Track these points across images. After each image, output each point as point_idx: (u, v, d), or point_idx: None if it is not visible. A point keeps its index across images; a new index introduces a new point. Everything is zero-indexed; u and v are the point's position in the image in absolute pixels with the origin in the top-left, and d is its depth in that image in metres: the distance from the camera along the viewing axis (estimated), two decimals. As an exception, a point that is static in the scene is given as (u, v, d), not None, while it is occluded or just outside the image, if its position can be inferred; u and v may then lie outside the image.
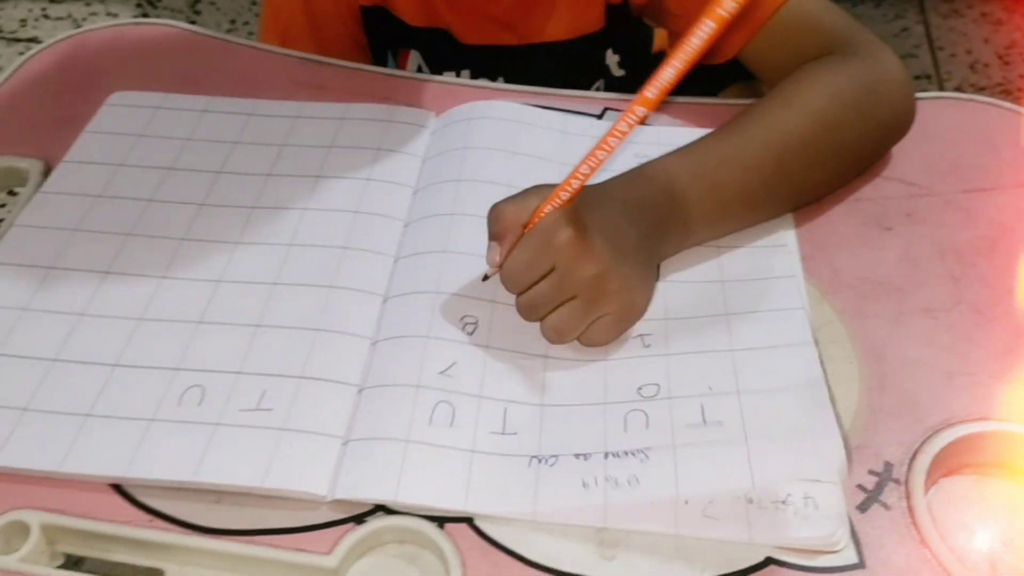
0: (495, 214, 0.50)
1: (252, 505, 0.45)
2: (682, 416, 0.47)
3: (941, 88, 1.39)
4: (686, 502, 0.44)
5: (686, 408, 0.47)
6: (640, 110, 0.45)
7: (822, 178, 0.57)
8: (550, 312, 0.49)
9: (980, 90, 1.38)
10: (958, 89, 1.38)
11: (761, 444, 0.45)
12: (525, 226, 0.49)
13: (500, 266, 0.50)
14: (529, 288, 0.49)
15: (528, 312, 0.50)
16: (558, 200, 0.48)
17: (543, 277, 0.49)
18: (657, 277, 0.54)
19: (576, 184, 0.48)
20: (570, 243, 0.48)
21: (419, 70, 0.75)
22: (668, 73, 0.43)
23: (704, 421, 0.46)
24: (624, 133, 0.46)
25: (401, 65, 0.75)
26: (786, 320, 0.51)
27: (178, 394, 0.48)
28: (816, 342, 0.50)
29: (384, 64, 0.76)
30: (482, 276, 0.52)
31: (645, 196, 0.52)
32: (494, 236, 0.50)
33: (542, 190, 0.49)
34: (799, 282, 0.53)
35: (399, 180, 0.61)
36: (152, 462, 0.46)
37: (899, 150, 0.62)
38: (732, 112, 0.58)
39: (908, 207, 0.59)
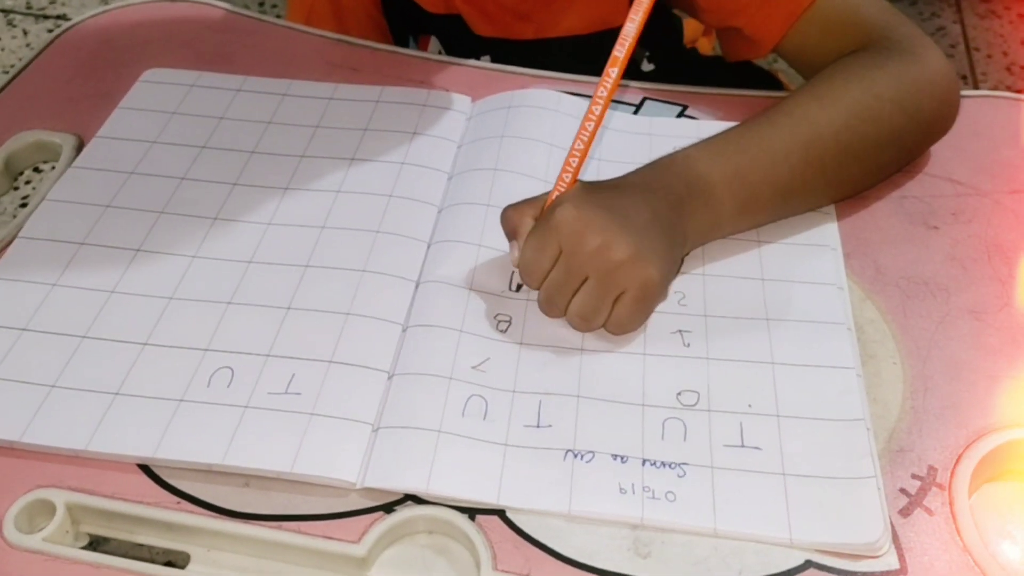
0: (504, 216, 0.51)
1: (281, 490, 0.44)
2: (720, 433, 0.46)
3: (977, 89, 1.37)
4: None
5: (725, 425, 0.46)
6: (613, 71, 0.47)
7: (859, 171, 0.56)
8: (569, 300, 0.48)
9: (1018, 92, 1.35)
10: (993, 90, 1.35)
11: (799, 489, 0.43)
12: (537, 217, 0.50)
13: (518, 267, 0.50)
14: (544, 279, 0.49)
15: (549, 306, 0.50)
16: (562, 184, 0.49)
17: (555, 264, 0.48)
18: (680, 264, 0.52)
19: (575, 163, 0.49)
20: (571, 219, 0.47)
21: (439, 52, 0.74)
22: (630, 28, 0.46)
23: (742, 443, 0.45)
24: (603, 98, 0.48)
25: (422, 50, 0.74)
26: (829, 337, 0.49)
27: (207, 375, 0.48)
28: (860, 369, 0.48)
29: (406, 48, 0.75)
30: (515, 287, 0.52)
31: (660, 178, 0.52)
32: (509, 236, 0.51)
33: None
34: (844, 294, 0.52)
35: (434, 165, 0.60)
36: (180, 443, 0.45)
37: (947, 148, 0.60)
38: (763, 102, 0.57)
39: (955, 206, 0.57)
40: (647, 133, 0.62)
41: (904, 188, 0.58)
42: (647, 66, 0.73)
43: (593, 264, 0.47)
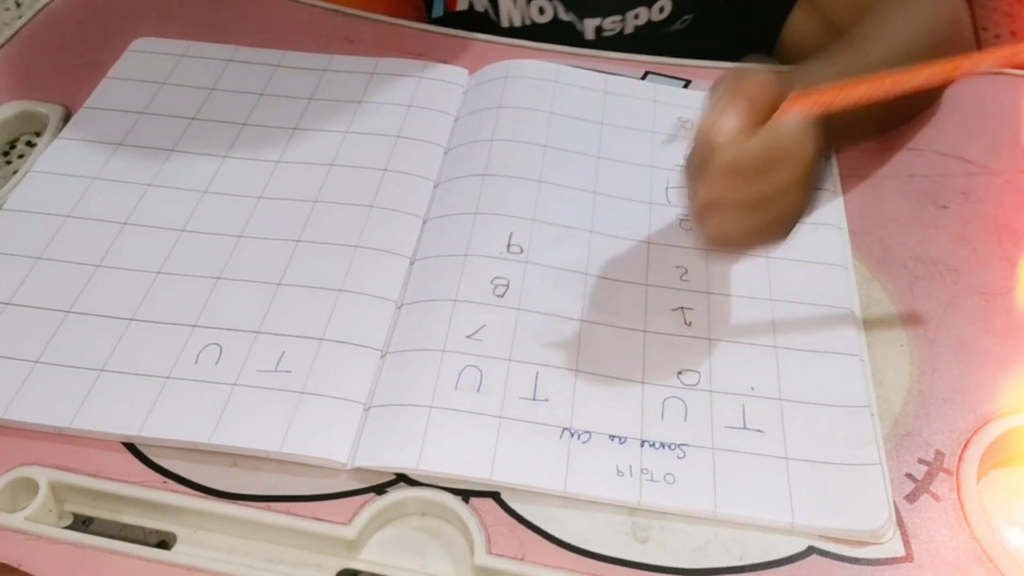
0: (736, 77, 0.43)
1: (269, 470, 0.43)
2: (722, 414, 0.44)
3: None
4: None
5: (727, 406, 0.45)
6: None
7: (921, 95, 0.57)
8: (728, 213, 0.43)
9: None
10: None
11: (801, 473, 0.42)
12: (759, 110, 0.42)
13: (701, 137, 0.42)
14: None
15: (713, 202, 0.43)
16: (800, 105, 0.42)
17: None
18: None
19: (829, 98, 0.42)
20: (805, 160, 0.42)
21: (470, 5, 0.70)
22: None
23: (744, 425, 0.44)
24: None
25: (450, 8, 0.71)
26: (834, 322, 0.48)
27: (195, 352, 0.46)
28: (865, 355, 0.47)
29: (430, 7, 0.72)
30: (671, 137, 0.50)
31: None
32: (726, 98, 0.42)
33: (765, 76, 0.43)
34: (850, 275, 0.50)
35: (430, 139, 0.58)
36: (166, 421, 0.44)
37: (957, 126, 0.59)
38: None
39: (964, 185, 0.56)
40: (651, 99, 0.61)
41: (913, 166, 0.57)
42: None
43: (778, 206, 0.43)
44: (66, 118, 0.60)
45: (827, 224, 0.53)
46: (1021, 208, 0.54)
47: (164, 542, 0.42)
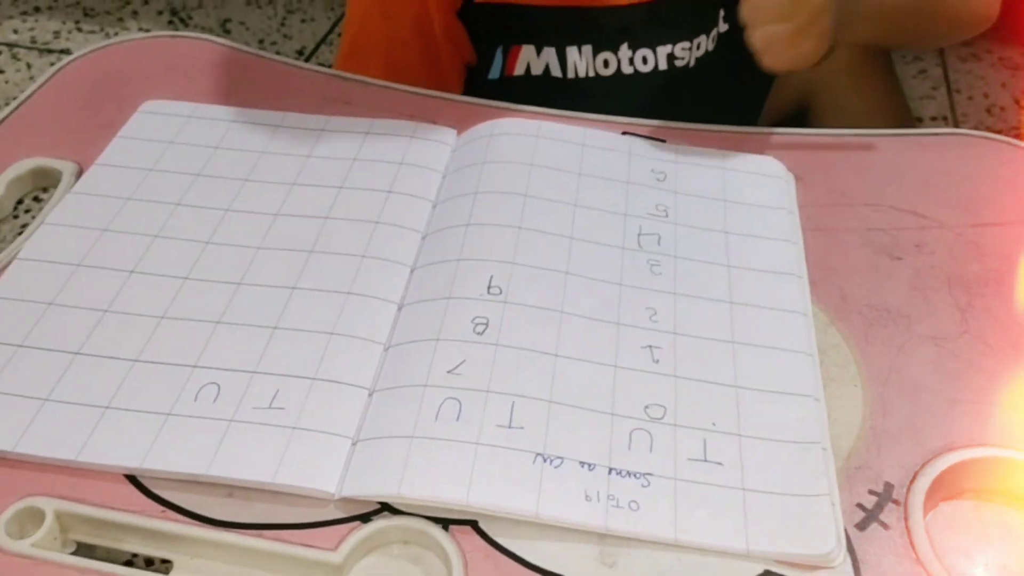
0: None
1: (262, 500, 0.46)
2: (685, 447, 0.47)
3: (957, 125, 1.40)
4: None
5: (689, 439, 0.48)
6: None
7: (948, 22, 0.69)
8: (768, 24, 0.59)
9: (996, 133, 1.38)
10: (958, 128, 1.38)
11: (757, 503, 0.45)
12: None
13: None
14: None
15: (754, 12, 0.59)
16: None
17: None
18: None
19: None
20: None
21: (527, 70, 0.74)
22: None
23: (705, 458, 0.47)
24: None
25: (511, 62, 0.75)
26: (792, 365, 0.51)
27: (195, 390, 0.50)
28: (820, 394, 0.50)
29: (490, 65, 0.76)
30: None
31: None
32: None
33: None
34: (809, 321, 0.54)
35: (419, 194, 0.62)
36: (166, 455, 0.47)
37: (913, 183, 0.63)
38: (763, 142, 0.59)
39: (918, 238, 0.60)
40: (627, 152, 0.65)
41: (871, 220, 0.61)
42: (723, 26, 0.75)
43: (808, 17, 0.58)
44: (78, 175, 0.64)
45: (789, 274, 0.57)
46: (970, 259, 0.58)
47: (166, 561, 0.45)
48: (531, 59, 0.74)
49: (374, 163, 0.64)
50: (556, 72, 0.74)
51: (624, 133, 0.67)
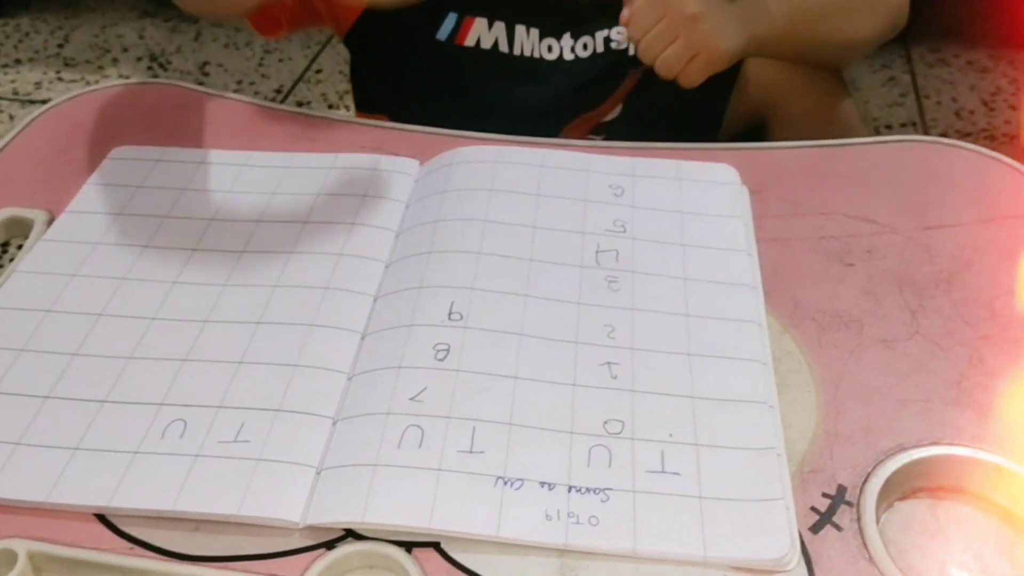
0: None
1: (229, 532, 0.47)
2: (643, 459, 0.48)
3: (927, 135, 1.42)
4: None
5: (647, 452, 0.49)
6: None
7: (854, 30, 0.76)
8: (660, 52, 0.67)
9: (965, 136, 1.41)
10: (943, 136, 1.40)
11: (714, 510, 0.46)
12: None
13: (626, 22, 0.68)
14: (646, 34, 0.67)
15: (645, 53, 0.68)
16: None
17: (657, 24, 0.66)
18: (745, 47, 0.70)
19: None
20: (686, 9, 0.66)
21: (477, 43, 0.77)
22: None
23: (663, 469, 0.48)
24: None
25: (464, 31, 0.78)
26: (746, 373, 0.53)
27: (161, 427, 0.51)
28: (775, 401, 0.51)
29: (438, 25, 0.78)
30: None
31: None
32: (626, 2, 0.68)
33: None
34: (763, 330, 0.55)
35: (383, 224, 0.64)
36: (134, 493, 0.48)
37: (864, 190, 0.64)
38: (719, 156, 0.61)
39: (870, 244, 0.61)
40: (585, 170, 0.66)
41: (823, 229, 0.62)
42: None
43: (685, 28, 0.66)
44: (50, 222, 0.65)
45: (743, 284, 0.58)
46: (921, 262, 0.59)
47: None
48: (483, 32, 0.78)
49: (338, 196, 0.66)
50: (503, 48, 0.78)
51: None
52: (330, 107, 1.58)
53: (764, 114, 0.80)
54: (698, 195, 0.64)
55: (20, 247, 0.67)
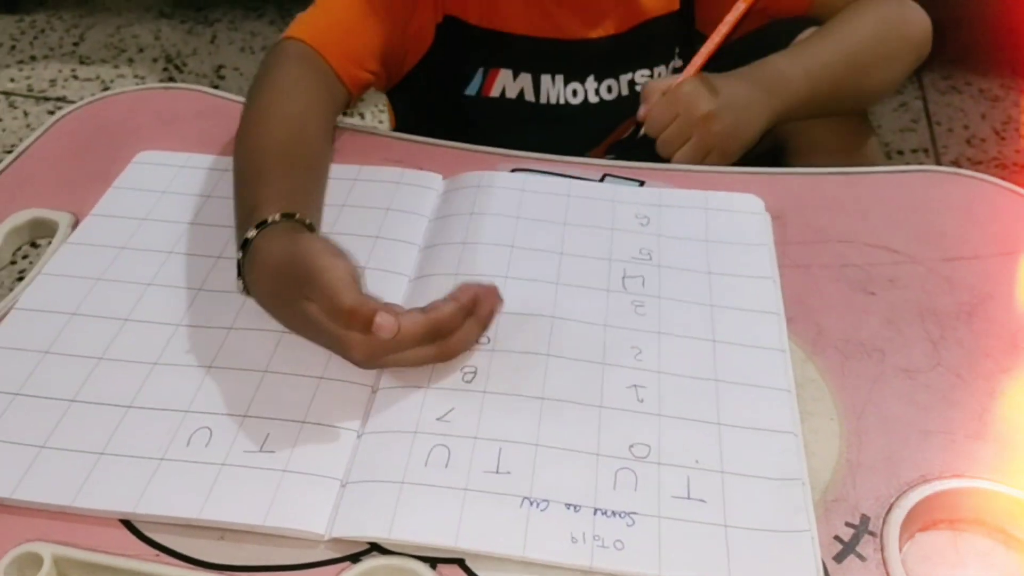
0: (646, 87, 0.73)
1: (254, 542, 0.47)
2: (669, 485, 0.49)
3: (938, 161, 1.43)
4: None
5: (673, 477, 0.49)
6: (741, 5, 0.72)
7: (879, 78, 0.78)
8: (677, 149, 0.71)
9: (976, 164, 1.41)
10: (955, 163, 1.41)
11: (739, 539, 0.46)
12: (664, 92, 0.72)
13: (644, 119, 0.72)
14: (663, 131, 0.71)
15: (664, 149, 0.72)
16: (690, 71, 0.72)
17: (672, 122, 0.71)
18: (762, 131, 0.74)
19: (699, 62, 0.72)
20: (690, 93, 0.71)
21: (503, 93, 0.78)
22: None
23: (688, 495, 0.48)
24: (732, 24, 0.72)
25: (489, 84, 0.79)
26: (772, 401, 0.53)
27: (187, 435, 0.51)
28: (799, 430, 0.51)
29: (468, 82, 0.79)
30: (633, 132, 0.73)
31: (756, 72, 0.74)
32: (643, 100, 0.73)
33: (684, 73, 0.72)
34: (786, 357, 0.55)
35: (406, 238, 0.64)
36: (159, 499, 0.48)
37: (886, 220, 0.65)
38: (740, 181, 0.61)
39: (891, 273, 0.61)
40: (611, 200, 0.67)
41: (845, 257, 0.62)
42: (677, 61, 0.82)
43: (698, 128, 0.71)
44: (74, 225, 0.66)
45: (767, 312, 0.58)
46: (943, 292, 0.60)
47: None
48: (507, 83, 0.79)
49: (362, 209, 0.66)
50: (529, 97, 0.79)
51: (604, 177, 0.69)
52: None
53: (782, 138, 0.80)
54: (724, 223, 0.65)
55: (33, 245, 0.67)
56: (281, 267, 0.53)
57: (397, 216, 0.65)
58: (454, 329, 0.53)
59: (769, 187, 0.68)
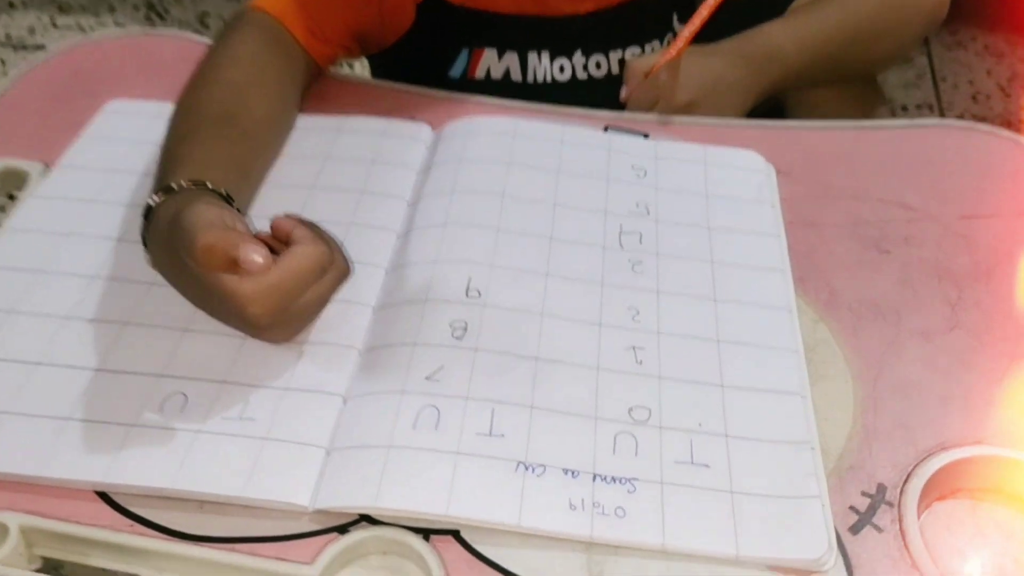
0: (628, 67, 0.69)
1: (234, 513, 0.44)
2: (671, 449, 0.46)
3: (943, 117, 1.39)
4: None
5: (675, 441, 0.46)
6: None
7: (881, 49, 0.74)
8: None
9: (981, 120, 1.38)
10: (959, 118, 1.38)
11: (746, 506, 0.44)
12: (647, 74, 0.67)
13: (625, 100, 0.69)
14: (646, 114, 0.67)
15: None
16: (669, 54, 0.66)
17: (654, 107, 0.67)
18: (753, 103, 0.71)
19: (681, 44, 0.65)
20: (670, 83, 0.66)
21: (487, 74, 0.74)
22: None
23: (692, 460, 0.46)
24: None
25: (474, 63, 0.74)
26: (777, 362, 0.50)
27: (160, 400, 0.48)
28: (807, 392, 0.49)
29: (451, 63, 0.75)
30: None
31: (746, 47, 0.70)
32: (625, 79, 0.69)
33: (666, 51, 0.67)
34: (793, 317, 0.52)
35: (393, 192, 0.60)
36: (130, 468, 0.45)
37: (900, 175, 0.62)
38: (748, 134, 0.58)
39: (906, 231, 0.58)
40: (607, 149, 0.63)
41: (857, 213, 0.59)
42: (678, 26, 0.76)
43: (679, 115, 0.67)
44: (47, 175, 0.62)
45: (772, 268, 0.55)
46: (959, 252, 0.57)
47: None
48: (492, 63, 0.74)
49: (346, 161, 0.62)
50: (516, 76, 0.74)
51: (606, 128, 0.66)
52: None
53: (781, 97, 0.76)
54: (724, 178, 0.62)
55: (10, 196, 0.63)
56: (167, 235, 0.49)
57: (383, 169, 0.62)
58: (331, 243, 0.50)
59: (777, 141, 0.65)
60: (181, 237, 0.46)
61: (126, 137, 0.64)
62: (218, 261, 0.45)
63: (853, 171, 0.63)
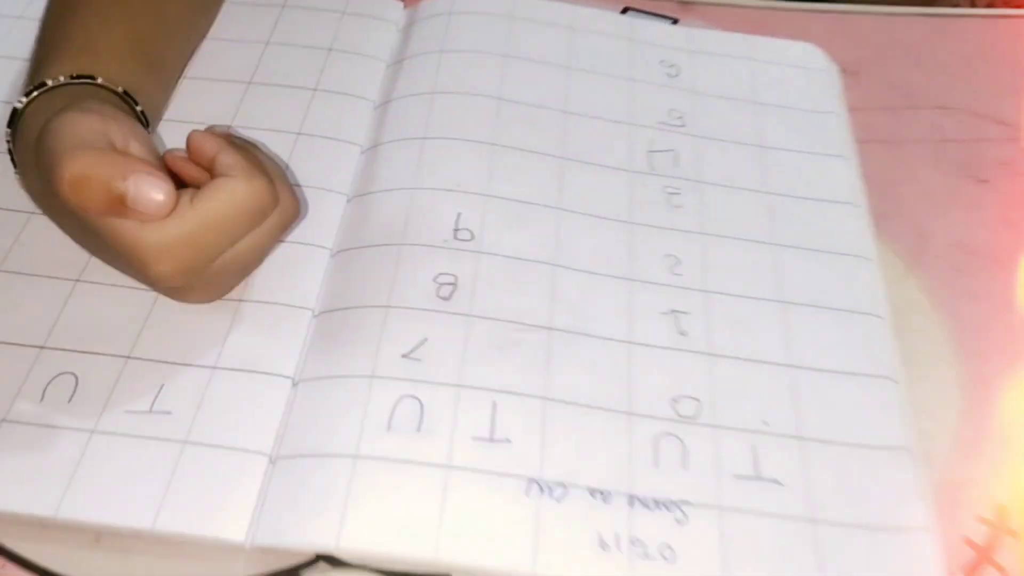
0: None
1: (142, 551, 0.33)
2: (730, 458, 0.35)
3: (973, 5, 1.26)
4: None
5: (734, 446, 0.36)
6: None
7: None
8: None
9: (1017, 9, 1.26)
10: (991, 6, 1.25)
11: (832, 542, 0.33)
12: None
13: None
14: None
15: None
16: None
17: None
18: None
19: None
20: None
21: None
22: None
23: (757, 474, 0.35)
24: None
25: None
26: (859, 332, 0.39)
27: (41, 384, 0.35)
28: (900, 376, 0.38)
29: None
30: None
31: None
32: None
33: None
34: (873, 268, 0.41)
35: (354, 91, 0.48)
36: None
37: (990, 81, 0.50)
38: (801, 20, 0.46)
39: (1005, 154, 0.47)
40: (628, 37, 0.51)
41: (943, 129, 0.48)
42: None
43: None
44: None
45: (839, 201, 0.44)
46: (1075, 182, 0.45)
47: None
48: None
49: (293, 48, 0.50)
50: None
51: (625, 9, 0.52)
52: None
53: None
54: (776, 81, 0.50)
55: None
56: (36, 154, 0.35)
57: (342, 60, 0.49)
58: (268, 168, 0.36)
59: (838, 30, 0.52)
60: (43, 162, 0.33)
61: (5, 13, 0.49)
62: (97, 199, 0.32)
63: (934, 74, 0.51)
